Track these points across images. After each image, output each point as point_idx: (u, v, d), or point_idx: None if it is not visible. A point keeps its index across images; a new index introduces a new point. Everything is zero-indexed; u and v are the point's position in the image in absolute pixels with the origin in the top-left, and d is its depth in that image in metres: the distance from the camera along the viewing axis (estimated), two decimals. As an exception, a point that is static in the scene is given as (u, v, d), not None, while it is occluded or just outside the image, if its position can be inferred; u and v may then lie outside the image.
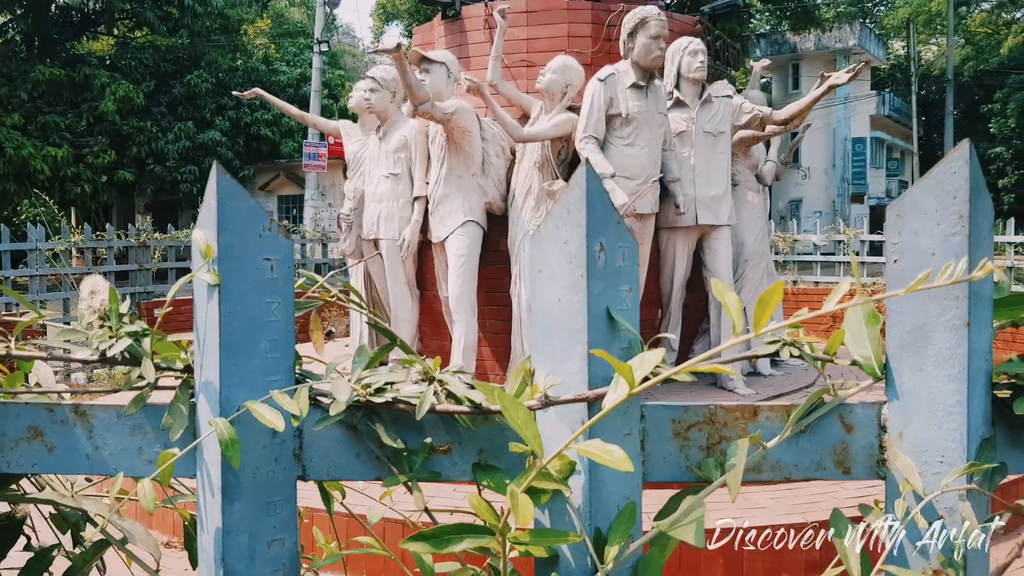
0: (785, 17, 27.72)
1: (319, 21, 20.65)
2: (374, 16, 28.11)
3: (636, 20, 5.35)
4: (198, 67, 22.81)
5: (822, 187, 31.78)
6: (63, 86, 20.61)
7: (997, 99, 32.54)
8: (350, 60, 39.50)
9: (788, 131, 6.21)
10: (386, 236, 5.86)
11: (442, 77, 5.70)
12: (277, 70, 24.55)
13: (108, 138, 20.46)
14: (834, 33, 31.30)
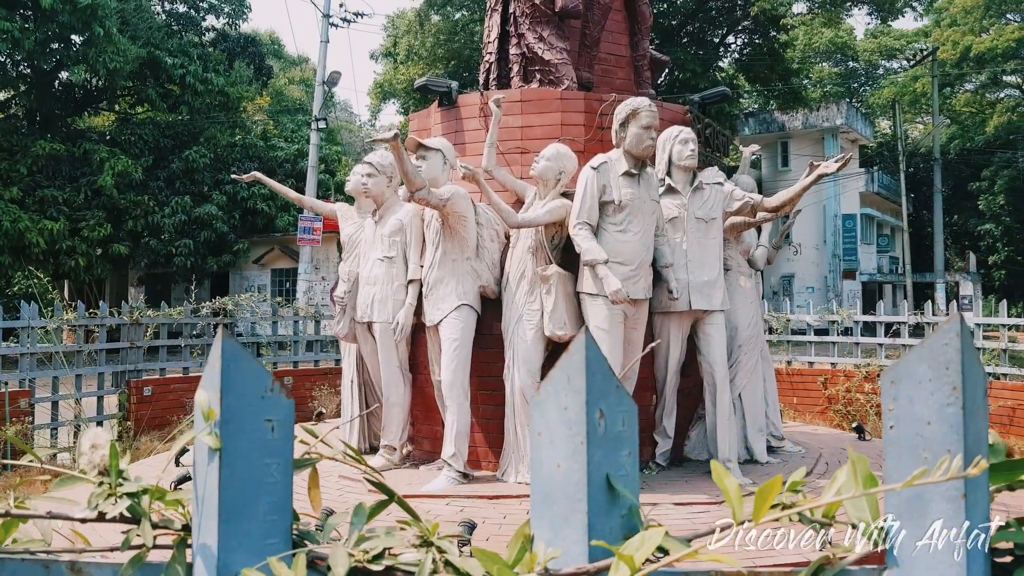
0: (773, 97, 28.42)
1: (317, 99, 21.07)
2: (371, 94, 28.72)
3: (628, 111, 5.48)
4: (197, 143, 23.15)
5: (813, 263, 32.09)
6: (63, 160, 20.86)
7: (984, 176, 33.16)
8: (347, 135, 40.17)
9: (778, 217, 6.31)
10: (380, 319, 5.87)
11: (438, 164, 5.80)
12: (275, 146, 24.94)
13: (105, 212, 20.62)
14: (821, 112, 32.06)
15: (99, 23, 19.15)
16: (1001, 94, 35.19)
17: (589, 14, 6.91)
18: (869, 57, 35.66)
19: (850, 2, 24.11)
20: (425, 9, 26.76)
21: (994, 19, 32.09)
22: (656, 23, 25.93)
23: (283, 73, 35.26)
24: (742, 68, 27.99)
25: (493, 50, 7.10)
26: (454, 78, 29.18)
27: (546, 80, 6.71)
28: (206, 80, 22.40)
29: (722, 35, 27.74)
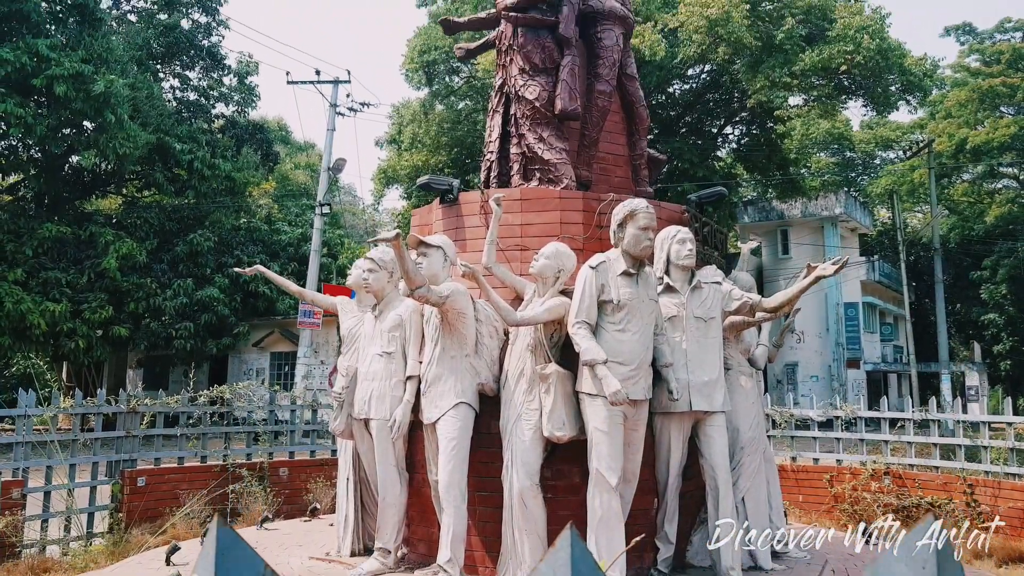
0: (771, 186, 28.86)
1: (322, 185, 21.44)
2: (375, 179, 29.19)
3: (626, 212, 5.54)
4: (202, 226, 23.43)
5: (817, 351, 32.01)
6: (68, 243, 21.07)
7: (986, 266, 33.33)
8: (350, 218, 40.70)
9: (777, 318, 6.31)
10: (377, 416, 5.81)
11: (439, 261, 5.84)
12: (279, 229, 25.23)
13: (107, 294, 20.72)
14: (820, 201, 32.49)
15: (111, 110, 19.59)
16: (998, 184, 35.67)
17: (588, 115, 7.07)
18: (866, 148, 36.35)
19: (845, 95, 24.68)
20: (430, 99, 27.42)
21: (988, 112, 32.82)
22: (655, 114, 26.60)
23: (289, 158, 35.94)
24: (740, 158, 28.50)
25: (494, 149, 7.24)
26: (456, 165, 29.78)
27: (546, 179, 6.82)
28: (213, 166, 22.81)
29: (720, 126, 28.33)
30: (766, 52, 22.60)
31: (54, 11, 22.17)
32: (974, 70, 33.83)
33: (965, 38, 35.49)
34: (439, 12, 28.27)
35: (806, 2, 22.84)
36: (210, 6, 27.12)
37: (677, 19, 22.57)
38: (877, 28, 22.18)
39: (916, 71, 22.76)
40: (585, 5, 7.14)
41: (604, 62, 7.12)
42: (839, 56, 21.78)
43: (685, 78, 27.41)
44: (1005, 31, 34.87)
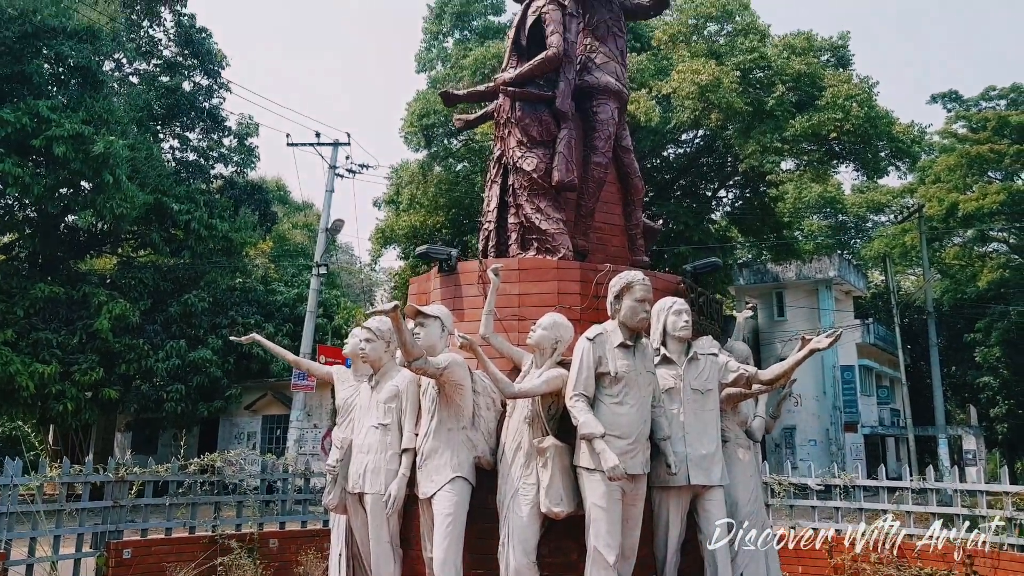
0: (766, 248, 29.06)
1: (320, 246, 21.50)
2: (373, 240, 29.30)
3: (622, 284, 5.56)
4: (197, 286, 23.38)
5: (814, 414, 31.86)
6: (60, 303, 20.96)
7: (979, 329, 33.41)
8: (346, 277, 40.75)
9: (774, 390, 6.28)
10: (371, 490, 5.72)
11: (436, 331, 5.82)
12: (275, 290, 25.20)
13: (98, 355, 20.53)
14: (815, 264, 32.70)
15: (110, 171, 19.70)
16: (989, 248, 35.97)
17: (584, 186, 7.16)
18: (858, 211, 36.73)
19: (836, 160, 25.04)
20: (428, 161, 27.72)
21: (976, 177, 33.29)
22: (650, 177, 26.90)
23: (287, 218, 36.14)
24: (735, 220, 28.76)
25: (492, 219, 7.30)
26: (454, 225, 29.94)
27: (543, 248, 6.86)
28: (211, 226, 22.87)
29: (714, 189, 28.66)
30: (757, 118, 22.99)
31: (57, 73, 22.47)
32: (961, 136, 34.41)
33: (951, 105, 36.19)
34: (438, 77, 28.78)
35: (795, 70, 23.32)
36: (212, 69, 27.54)
37: (670, 86, 23.00)
38: (865, 97, 22.64)
39: (904, 138, 23.16)
40: (581, 80, 7.29)
41: (600, 135, 7.25)
42: (829, 123, 22.16)
43: (679, 142, 27.82)
44: (990, 99, 35.59)
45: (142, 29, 27.35)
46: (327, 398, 21.75)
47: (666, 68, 24.51)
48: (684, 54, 24.19)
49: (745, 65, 23.28)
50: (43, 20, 20.71)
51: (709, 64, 22.54)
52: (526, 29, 7.23)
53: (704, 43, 25.15)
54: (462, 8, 29.28)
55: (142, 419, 24.28)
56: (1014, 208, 31.57)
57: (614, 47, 7.53)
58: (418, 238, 28.65)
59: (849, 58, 25.78)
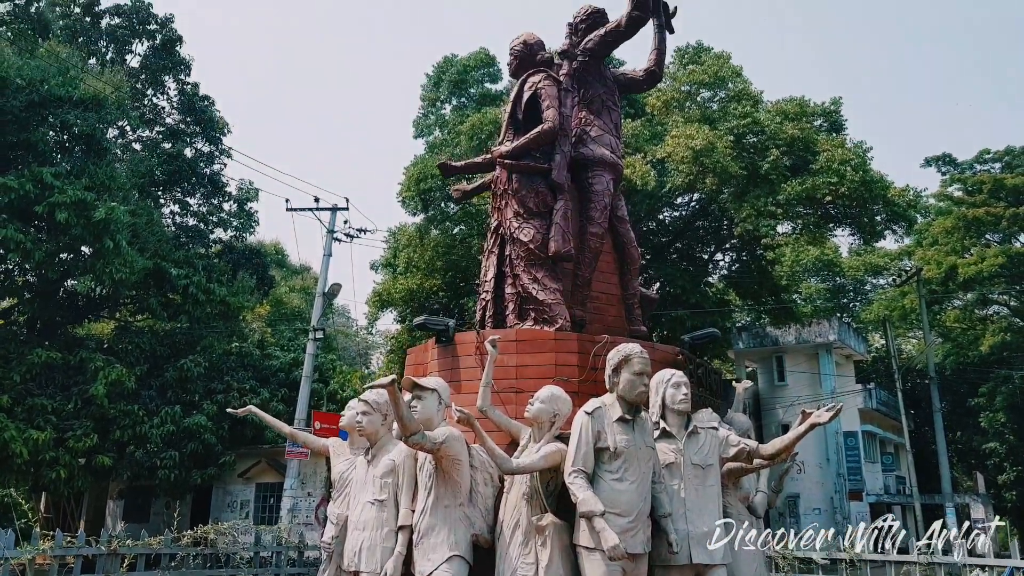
0: (764, 312, 29.06)
1: (316, 310, 21.47)
2: (369, 303, 29.33)
3: (620, 357, 5.52)
4: (193, 351, 23.27)
5: (818, 482, 31.37)
6: (57, 368, 20.83)
7: (983, 393, 33.16)
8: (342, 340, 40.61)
9: (775, 465, 6.20)
10: (367, 569, 5.58)
11: (433, 404, 5.76)
12: (271, 354, 25.08)
13: (93, 421, 20.31)
14: (814, 328, 32.62)
15: (110, 236, 19.79)
16: (990, 311, 35.97)
17: (581, 256, 7.20)
18: (856, 274, 36.85)
19: (832, 223, 25.22)
20: (425, 224, 27.92)
21: (974, 239, 33.49)
22: (647, 240, 27.06)
23: (284, 281, 36.23)
24: (732, 284, 28.82)
25: (490, 289, 7.32)
26: (451, 288, 30.00)
27: (540, 319, 6.85)
28: (209, 290, 22.88)
29: (711, 252, 28.80)
30: (752, 182, 23.24)
31: (61, 140, 22.76)
32: (957, 199, 34.74)
33: (946, 168, 36.61)
34: (436, 142, 29.19)
35: (789, 135, 23.66)
36: (214, 136, 27.92)
37: (664, 150, 23.31)
38: (859, 161, 22.93)
39: (900, 202, 23.38)
40: (577, 153, 7.39)
41: (596, 206, 7.33)
42: (823, 187, 22.40)
43: (674, 206, 28.08)
44: (984, 162, 36.01)
45: (146, 98, 27.84)
46: (321, 466, 21.46)
47: (660, 133, 24.89)
48: (678, 119, 24.60)
49: (739, 130, 23.64)
50: (50, 90, 21.06)
51: (703, 129, 22.89)
52: (523, 103, 7.36)
53: (698, 109, 25.59)
54: (459, 76, 29.89)
55: (135, 486, 23.89)
56: (1014, 271, 31.69)
57: (608, 120, 7.66)
58: (415, 301, 28.70)
59: (842, 123, 26.17)
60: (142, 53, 27.84)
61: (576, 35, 7.78)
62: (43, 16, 24.57)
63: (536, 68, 7.46)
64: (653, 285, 8.99)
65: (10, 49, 21.18)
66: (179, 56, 27.79)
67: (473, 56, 30.11)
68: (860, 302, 38.08)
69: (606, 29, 7.53)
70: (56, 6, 26.52)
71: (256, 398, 22.54)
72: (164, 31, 27.59)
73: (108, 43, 27.71)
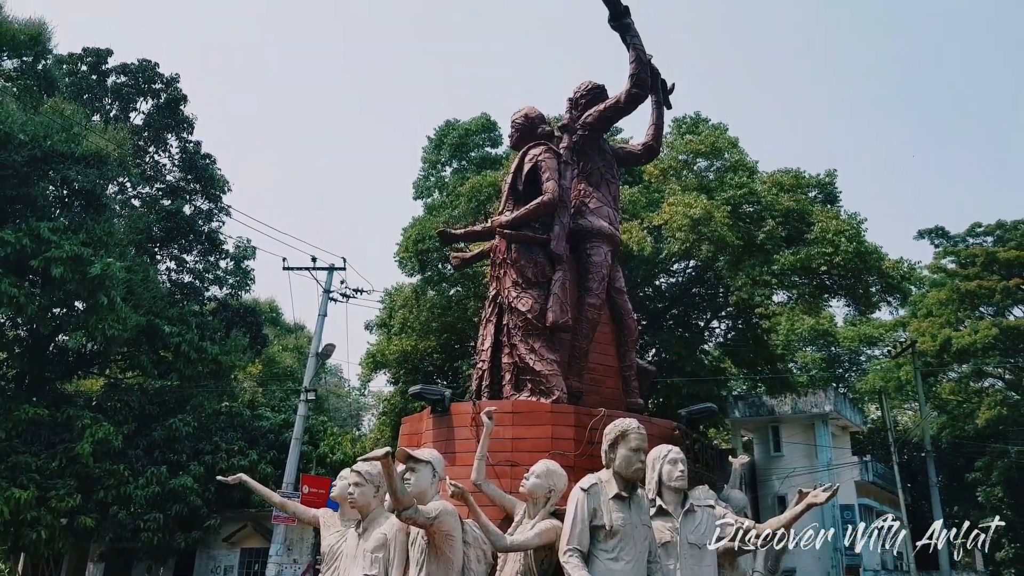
0: (760, 381, 28.92)
1: (309, 371, 21.30)
2: (363, 364, 29.13)
3: (617, 432, 5.45)
4: (183, 410, 23.00)
5: (814, 556, 30.72)
6: (44, 425, 20.54)
7: (979, 467, 32.81)
8: (334, 401, 40.25)
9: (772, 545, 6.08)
10: (355, 649, 5.40)
11: (427, 476, 5.65)
12: (261, 415, 24.80)
13: (77, 480, 19.94)
14: (810, 398, 32.41)
15: (105, 292, 19.73)
16: (986, 384, 35.88)
17: (578, 327, 7.18)
18: (851, 344, 36.82)
19: (827, 294, 25.30)
20: (422, 285, 27.93)
21: (968, 312, 33.60)
22: (643, 306, 27.07)
23: (278, 340, 36.06)
24: (728, 352, 28.76)
25: (486, 358, 7.28)
26: (446, 350, 29.85)
27: (537, 390, 6.79)
28: (201, 349, 22.73)
29: (707, 319, 28.80)
30: (747, 251, 23.37)
31: (61, 195, 22.86)
32: (950, 271, 34.99)
33: (939, 241, 36.96)
34: (435, 204, 29.41)
35: (784, 206, 23.90)
36: (213, 194, 28.08)
37: (662, 217, 23.49)
38: (854, 232, 23.11)
39: (894, 274, 23.51)
40: (575, 224, 7.44)
41: (594, 277, 7.34)
42: (819, 257, 22.54)
43: (671, 272, 28.17)
44: (976, 235, 36.39)
45: (148, 155, 28.07)
46: (308, 532, 21.03)
47: (657, 200, 25.12)
48: (675, 187, 24.86)
49: (735, 200, 23.88)
50: (52, 145, 21.23)
51: (700, 198, 23.12)
52: (523, 175, 7.43)
53: (695, 178, 25.90)
54: (460, 139, 30.32)
55: (117, 549, 23.31)
56: (1008, 344, 31.72)
57: (607, 192, 7.73)
58: (409, 363, 28.51)
59: (836, 194, 26.48)
60: (146, 111, 28.18)
61: (576, 109, 7.90)
62: (50, 73, 24.89)
63: (537, 141, 7.55)
64: (649, 351, 8.97)
65: (15, 105, 21.40)
66: (183, 115, 28.14)
67: (474, 121, 30.59)
68: (856, 372, 37.95)
69: (605, 105, 7.65)
70: (63, 64, 26.90)
71: (244, 460, 22.18)
72: (169, 90, 27.99)
73: (113, 100, 28.07)
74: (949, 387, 35.54)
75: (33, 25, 24.17)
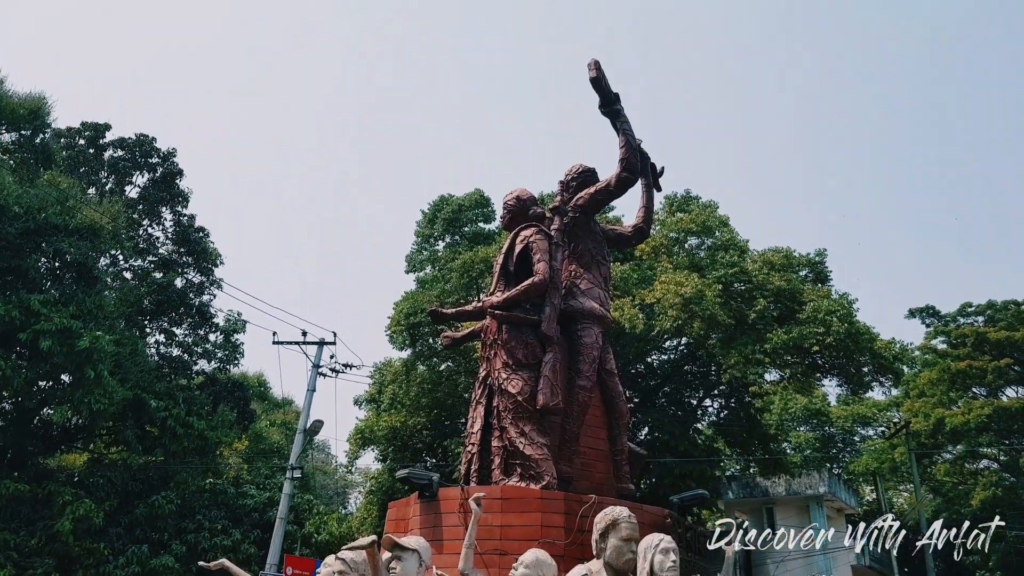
0: (754, 461, 28.58)
1: (296, 448, 20.98)
2: (351, 440, 28.71)
3: (607, 521, 5.35)
4: (166, 487, 22.50)
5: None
6: (24, 501, 20.04)
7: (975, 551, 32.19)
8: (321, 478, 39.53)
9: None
10: None
11: (413, 565, 5.50)
12: (246, 492, 24.25)
13: (56, 559, 19.33)
14: (804, 479, 31.99)
15: (92, 366, 19.52)
16: (980, 464, 35.52)
17: (569, 410, 7.11)
18: (844, 424, 36.55)
19: (820, 373, 25.21)
20: (412, 359, 27.78)
21: (960, 392, 33.48)
22: (634, 383, 26.89)
23: (265, 415, 35.59)
24: (721, 431, 28.50)
25: (476, 441, 7.19)
26: (435, 427, 29.48)
27: (527, 475, 6.68)
28: (187, 424, 22.36)
29: (699, 398, 28.61)
30: (739, 329, 23.38)
31: (53, 267, 22.80)
32: (941, 352, 35.00)
33: (930, 320, 37.09)
34: (427, 278, 29.50)
35: (776, 285, 24.02)
36: (206, 267, 28.08)
37: (653, 295, 23.54)
38: (845, 312, 23.18)
39: (886, 354, 23.49)
40: (566, 305, 7.44)
41: (584, 359, 7.31)
42: (810, 337, 22.54)
43: (663, 349, 28.09)
44: (967, 315, 36.53)
45: (142, 227, 28.15)
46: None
47: (649, 277, 25.22)
48: (667, 265, 25.00)
49: (726, 278, 24.00)
50: (47, 218, 21.28)
51: (692, 277, 23.23)
52: (514, 256, 7.47)
53: (686, 256, 26.08)
54: (454, 215, 30.62)
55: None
56: (1002, 425, 31.52)
57: (598, 274, 7.76)
58: (398, 440, 28.11)
59: (827, 274, 26.65)
60: (142, 184, 28.37)
61: (567, 192, 8.00)
62: (48, 147, 25.10)
63: (528, 222, 7.61)
64: (641, 430, 8.87)
65: (11, 177, 21.51)
66: (178, 188, 28.31)
67: (468, 196, 30.95)
68: (849, 452, 37.55)
69: (596, 188, 7.74)
70: (62, 137, 27.17)
71: (228, 539, 21.62)
72: (166, 164, 28.23)
73: (109, 174, 28.28)
74: (944, 468, 35.16)
75: (33, 99, 24.46)
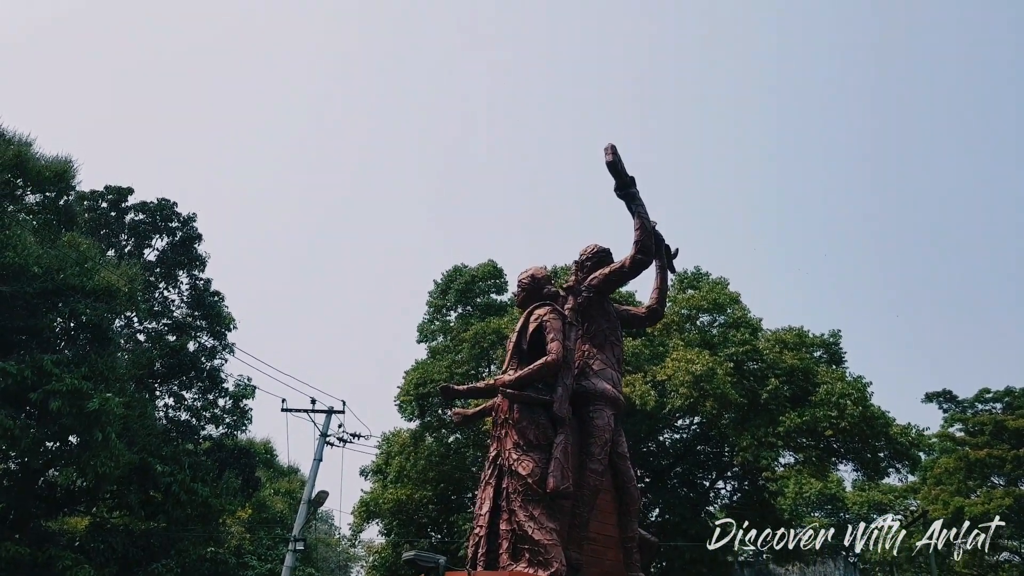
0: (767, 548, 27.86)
1: (300, 518, 20.64)
2: (355, 513, 28.26)
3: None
4: (167, 554, 22.09)
5: None
6: (23, 565, 19.67)
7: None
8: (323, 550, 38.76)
9: None
10: None
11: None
12: (247, 563, 23.82)
13: (50, 629, 18.94)
14: (819, 567, 31.15)
15: (100, 428, 19.37)
16: (1000, 557, 34.46)
17: (579, 494, 6.96)
18: (859, 510, 35.69)
19: (835, 457, 24.75)
20: (420, 430, 27.54)
21: (978, 480, 32.73)
22: (646, 462, 26.46)
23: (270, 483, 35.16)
24: (733, 514, 27.88)
25: (484, 523, 7.02)
26: (442, 501, 28.99)
27: (535, 560, 6.51)
28: (192, 490, 22.07)
29: (712, 479, 28.08)
30: (752, 410, 23.07)
31: (67, 327, 22.85)
32: (959, 439, 34.36)
33: (947, 405, 36.52)
34: (438, 348, 29.40)
35: (788, 364, 23.80)
36: (219, 331, 28.11)
37: (665, 372, 23.35)
38: (860, 396, 22.87)
39: (902, 440, 23.08)
40: (578, 385, 7.34)
41: (596, 441, 7.19)
42: (824, 420, 22.20)
43: (675, 428, 27.72)
44: (985, 401, 35.93)
45: (157, 290, 28.33)
46: None
47: (661, 354, 25.06)
48: (678, 342, 24.85)
49: (738, 356, 23.82)
50: (65, 279, 21.41)
51: (703, 354, 23.07)
52: (528, 335, 7.41)
53: (697, 332, 25.95)
54: (466, 285, 30.69)
55: None
56: (1022, 515, 30.69)
57: (611, 355, 7.68)
58: (403, 513, 27.65)
59: (841, 355, 26.40)
60: (161, 247, 28.68)
61: (582, 271, 7.98)
62: (71, 209, 25.46)
63: (542, 301, 7.58)
64: (652, 511, 8.66)
65: (32, 238, 21.77)
66: (196, 252, 28.60)
67: (481, 267, 31.08)
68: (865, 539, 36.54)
69: (611, 269, 7.72)
70: (85, 200, 27.59)
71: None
72: (185, 228, 28.59)
73: (129, 236, 28.62)
74: (963, 559, 34.12)
75: (59, 163, 24.91)
